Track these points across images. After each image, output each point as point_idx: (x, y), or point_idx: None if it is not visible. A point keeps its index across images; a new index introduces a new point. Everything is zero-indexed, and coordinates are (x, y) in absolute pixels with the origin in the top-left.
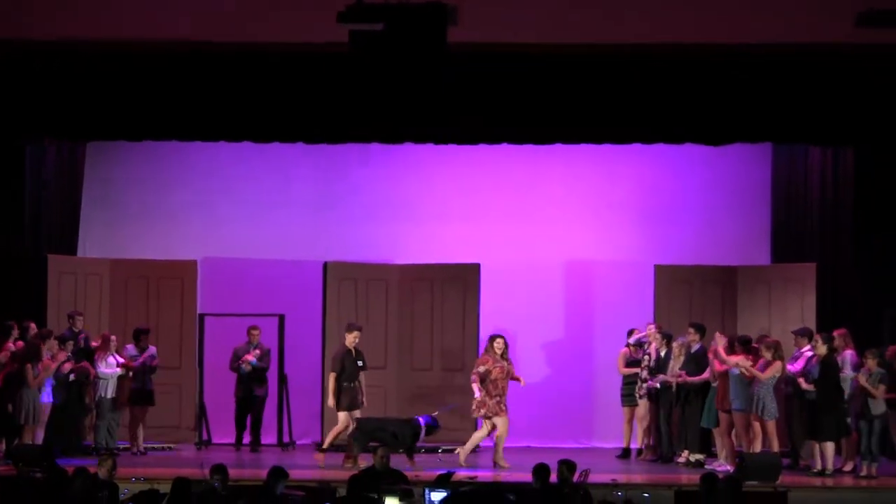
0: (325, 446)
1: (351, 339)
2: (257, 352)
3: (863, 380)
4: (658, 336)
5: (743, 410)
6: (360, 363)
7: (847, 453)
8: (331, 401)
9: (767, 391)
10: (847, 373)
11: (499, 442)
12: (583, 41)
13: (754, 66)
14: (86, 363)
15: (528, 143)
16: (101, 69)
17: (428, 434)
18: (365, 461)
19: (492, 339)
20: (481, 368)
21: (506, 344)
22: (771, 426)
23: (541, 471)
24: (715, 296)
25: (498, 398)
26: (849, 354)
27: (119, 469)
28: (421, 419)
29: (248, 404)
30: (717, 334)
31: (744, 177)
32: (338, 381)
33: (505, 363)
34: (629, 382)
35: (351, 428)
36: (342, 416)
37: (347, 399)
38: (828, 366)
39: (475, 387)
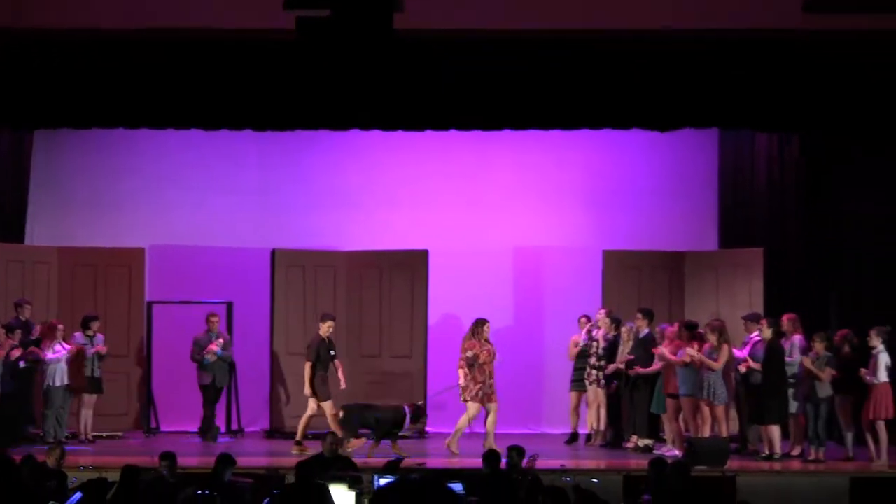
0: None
1: (325, 329)
2: (220, 341)
3: (809, 363)
4: (607, 321)
5: (691, 395)
6: (332, 352)
7: (795, 437)
8: (307, 390)
9: (717, 376)
10: (796, 357)
11: (489, 430)
12: (528, 27)
13: (702, 51)
14: (34, 348)
15: (476, 129)
16: (48, 57)
17: (414, 422)
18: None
19: (480, 323)
20: (469, 353)
21: None
22: (720, 411)
23: (490, 457)
24: (663, 281)
25: (482, 383)
26: (797, 339)
27: (67, 457)
28: (406, 407)
29: (217, 393)
30: (662, 348)
31: (691, 162)
32: (313, 369)
33: (491, 346)
34: (579, 368)
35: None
36: (328, 404)
37: (326, 387)
38: (773, 350)
39: (461, 372)
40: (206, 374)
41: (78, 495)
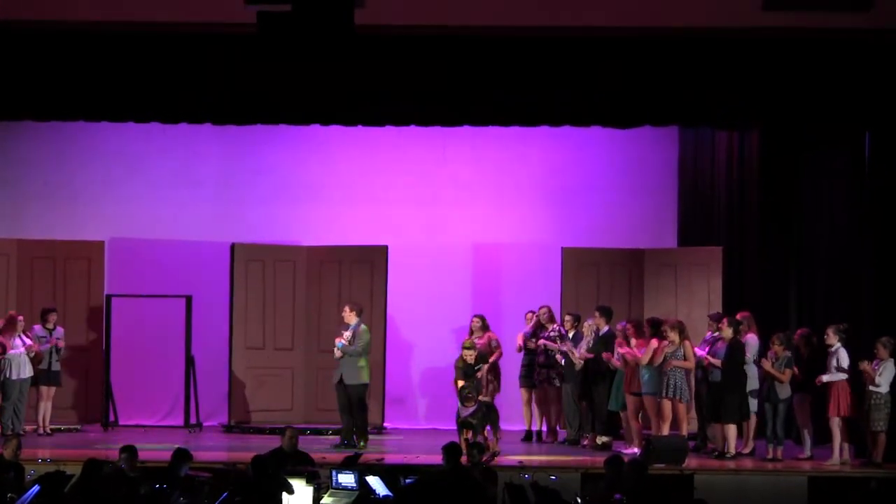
0: None
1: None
2: (347, 334)
3: (768, 365)
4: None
5: (653, 394)
6: None
7: (748, 436)
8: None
9: (682, 375)
10: (748, 355)
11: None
12: (488, 24)
13: (662, 49)
14: None
15: (436, 124)
16: (6, 49)
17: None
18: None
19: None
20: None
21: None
22: (683, 409)
23: (450, 451)
24: (622, 278)
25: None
26: (750, 337)
27: (25, 450)
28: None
29: (350, 393)
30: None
31: (651, 160)
32: None
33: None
34: (528, 363)
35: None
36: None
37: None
38: (734, 349)
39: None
40: (335, 371)
41: (36, 488)
